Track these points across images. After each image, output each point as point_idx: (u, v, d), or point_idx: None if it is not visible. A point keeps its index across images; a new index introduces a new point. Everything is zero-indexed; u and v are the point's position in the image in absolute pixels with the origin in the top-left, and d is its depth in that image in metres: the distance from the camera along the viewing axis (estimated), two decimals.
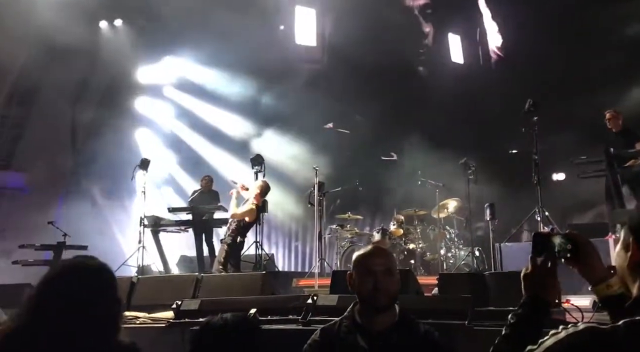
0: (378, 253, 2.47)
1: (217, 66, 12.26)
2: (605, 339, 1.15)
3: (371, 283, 2.35)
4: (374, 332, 2.34)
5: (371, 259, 2.41)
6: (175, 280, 6.94)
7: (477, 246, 8.24)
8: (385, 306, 2.36)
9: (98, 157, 11.40)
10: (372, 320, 2.37)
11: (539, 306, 1.57)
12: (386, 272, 2.37)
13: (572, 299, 3.99)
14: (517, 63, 10.17)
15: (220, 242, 7.78)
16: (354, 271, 2.44)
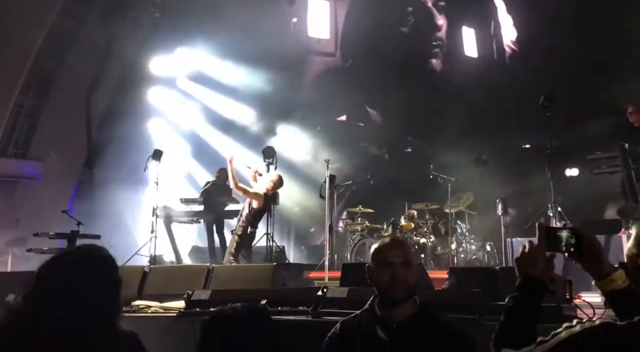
0: (395, 245, 2.47)
1: (229, 58, 12.27)
2: (621, 334, 1.15)
3: (388, 275, 2.35)
4: (393, 324, 2.35)
5: (388, 251, 2.42)
6: (186, 270, 6.99)
7: (489, 241, 8.21)
8: (403, 298, 2.37)
9: (112, 147, 11.48)
10: (391, 312, 2.37)
11: (533, 286, 1.58)
12: (404, 263, 2.38)
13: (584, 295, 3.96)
14: (532, 57, 10.07)
15: (231, 233, 7.82)
16: (371, 263, 2.44)
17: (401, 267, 2.37)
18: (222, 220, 9.15)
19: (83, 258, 1.93)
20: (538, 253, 1.59)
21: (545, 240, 1.61)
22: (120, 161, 11.15)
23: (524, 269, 1.60)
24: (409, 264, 2.41)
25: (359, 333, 2.40)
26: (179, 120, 12.81)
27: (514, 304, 1.57)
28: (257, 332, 2.02)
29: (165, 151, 9.87)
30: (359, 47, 11.66)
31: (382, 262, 2.40)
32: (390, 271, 2.36)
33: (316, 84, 12.08)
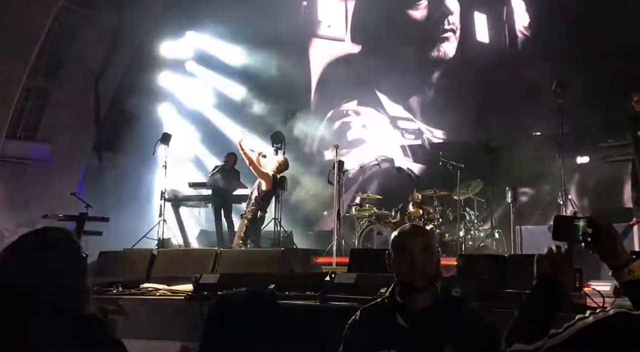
0: (415, 232, 2.43)
1: (239, 42, 12.20)
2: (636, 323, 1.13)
3: (408, 262, 2.32)
4: (414, 312, 2.33)
5: (408, 238, 2.37)
6: (194, 254, 7.03)
7: (497, 229, 8.17)
8: (423, 285, 2.32)
9: (121, 130, 11.51)
10: (412, 299, 2.34)
11: (552, 288, 1.54)
12: (423, 251, 2.33)
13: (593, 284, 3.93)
14: (545, 43, 9.93)
15: (241, 217, 7.84)
16: (391, 250, 2.42)
17: (421, 254, 2.32)
18: (230, 204, 9.17)
19: (43, 243, 1.90)
20: (562, 260, 1.54)
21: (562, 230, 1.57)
22: (129, 144, 11.18)
23: (544, 269, 1.56)
24: (430, 251, 2.37)
25: (379, 320, 2.39)
26: (188, 105, 12.80)
27: (529, 303, 1.54)
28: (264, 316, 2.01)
29: (174, 135, 9.87)
30: (370, 32, 11.54)
31: (401, 249, 2.36)
32: (410, 258, 2.32)
33: (327, 69, 12.01)
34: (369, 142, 11.20)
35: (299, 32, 12.25)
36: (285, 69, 12.29)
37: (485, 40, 10.60)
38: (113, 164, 11.03)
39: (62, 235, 1.97)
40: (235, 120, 12.30)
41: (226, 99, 12.41)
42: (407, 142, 10.96)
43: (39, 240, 1.91)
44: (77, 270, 1.93)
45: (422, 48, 11.04)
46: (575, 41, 9.22)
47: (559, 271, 1.55)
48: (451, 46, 10.80)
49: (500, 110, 10.00)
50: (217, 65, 12.55)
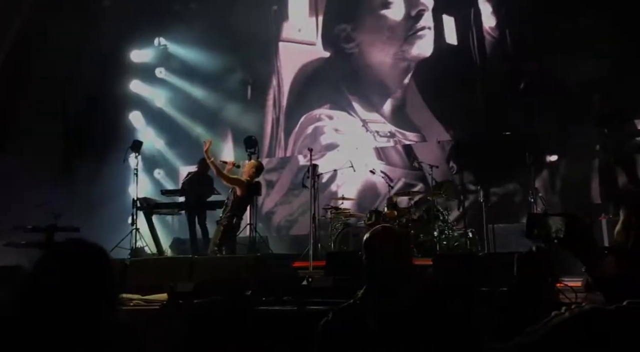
0: (386, 233, 2.45)
1: (209, 47, 12.13)
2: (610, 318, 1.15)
3: (379, 264, 2.33)
4: (385, 313, 2.33)
5: (379, 239, 2.40)
6: (169, 262, 6.94)
7: (470, 228, 8.27)
8: (395, 287, 2.34)
9: (90, 138, 11.31)
10: (383, 301, 2.35)
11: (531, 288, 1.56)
12: (394, 252, 2.36)
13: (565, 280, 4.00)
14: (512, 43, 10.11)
15: (217, 224, 7.78)
16: (363, 252, 2.42)
17: (393, 255, 2.34)
18: (204, 211, 9.07)
19: (75, 253, 1.87)
20: (544, 261, 1.56)
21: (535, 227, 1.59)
22: (99, 153, 11.00)
23: (525, 269, 1.57)
24: (401, 252, 2.38)
25: (350, 321, 2.38)
26: (158, 111, 12.66)
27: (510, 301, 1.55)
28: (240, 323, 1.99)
29: (145, 142, 9.75)
30: (340, 34, 11.59)
31: (372, 250, 2.38)
32: (381, 259, 2.34)
33: (298, 73, 12.00)
34: (342, 146, 11.23)
35: (270, 36, 12.24)
36: (256, 73, 12.27)
37: (454, 42, 10.73)
38: (83, 173, 10.81)
39: (89, 245, 1.94)
40: (206, 126, 12.22)
41: (197, 105, 12.31)
42: (380, 144, 11.02)
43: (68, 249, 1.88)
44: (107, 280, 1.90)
45: (394, 50, 11.11)
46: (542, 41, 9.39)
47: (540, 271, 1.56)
48: (427, 44, 10.88)
49: (470, 110, 10.13)
50: (187, 71, 12.45)
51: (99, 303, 1.82)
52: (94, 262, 1.87)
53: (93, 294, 1.80)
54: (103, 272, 1.88)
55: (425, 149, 10.44)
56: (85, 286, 1.79)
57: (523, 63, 9.61)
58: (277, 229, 11.53)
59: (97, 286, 1.83)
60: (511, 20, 10.21)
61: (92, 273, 1.84)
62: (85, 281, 1.80)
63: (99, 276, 1.85)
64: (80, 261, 1.85)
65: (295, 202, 11.39)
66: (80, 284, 1.79)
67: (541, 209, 7.34)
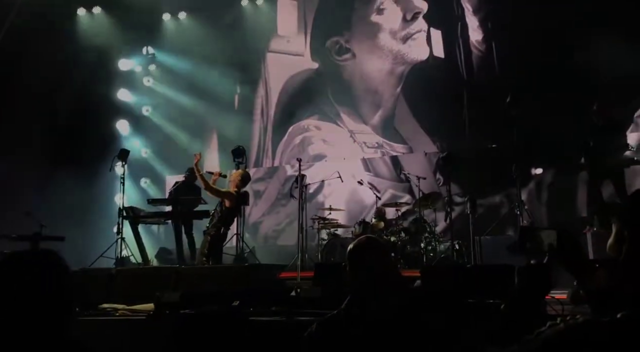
0: (370, 244, 2.47)
1: (197, 56, 12.14)
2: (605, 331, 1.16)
3: (363, 274, 2.35)
4: (369, 323, 2.34)
5: (363, 250, 2.42)
6: (155, 272, 6.88)
7: (457, 240, 8.30)
8: (379, 297, 2.36)
9: (77, 146, 11.22)
10: (367, 311, 2.36)
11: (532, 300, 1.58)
12: (378, 263, 2.38)
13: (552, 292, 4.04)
14: (498, 57, 10.24)
15: (204, 234, 7.74)
16: (347, 262, 2.44)
17: (376, 266, 2.36)
18: (190, 221, 9.01)
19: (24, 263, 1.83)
20: (544, 274, 1.58)
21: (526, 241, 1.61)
22: (85, 161, 10.92)
23: (526, 281, 1.58)
24: (385, 263, 2.40)
25: (334, 332, 2.38)
26: (146, 120, 12.61)
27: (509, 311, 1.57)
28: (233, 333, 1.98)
29: (132, 151, 9.70)
30: (333, 47, 11.66)
31: (356, 261, 2.40)
32: (365, 270, 2.35)
33: (287, 84, 12.04)
34: (330, 157, 11.26)
35: (258, 46, 12.27)
36: (245, 83, 12.29)
37: (441, 55, 10.85)
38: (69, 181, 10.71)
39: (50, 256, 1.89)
40: (193, 135, 12.19)
41: (184, 114, 12.29)
42: (367, 155, 11.07)
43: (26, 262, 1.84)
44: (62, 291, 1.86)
45: (392, 54, 11.17)
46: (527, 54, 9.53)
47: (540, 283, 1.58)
48: (424, 46, 10.94)
49: (457, 123, 10.24)
50: (174, 80, 12.44)
51: (48, 316, 1.77)
52: (46, 274, 1.83)
53: (42, 305, 1.76)
54: (56, 284, 1.83)
55: (412, 161, 10.51)
56: (35, 296, 1.75)
57: (509, 76, 9.74)
58: (265, 239, 11.50)
59: (47, 298, 1.78)
60: (497, 34, 10.35)
61: (43, 284, 1.79)
62: (35, 292, 1.76)
63: (51, 287, 1.80)
64: (32, 271, 1.81)
65: (282, 212, 11.38)
66: (29, 295, 1.74)
67: (527, 221, 7.40)
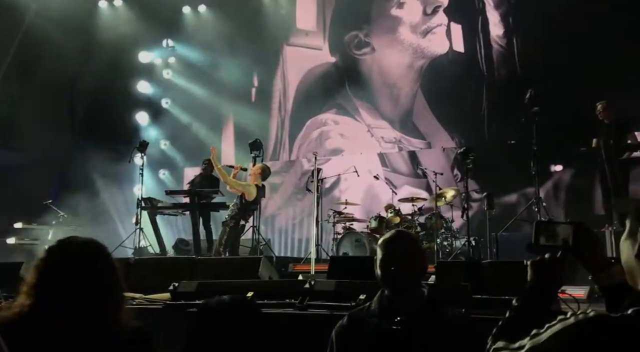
0: (398, 237, 2.48)
1: (216, 49, 12.18)
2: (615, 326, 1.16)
3: (391, 267, 2.36)
4: (398, 316, 2.35)
5: (391, 243, 2.43)
6: (172, 262, 6.94)
7: (474, 236, 8.25)
8: (406, 290, 2.38)
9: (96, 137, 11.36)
10: (396, 304, 2.37)
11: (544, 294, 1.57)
12: (406, 256, 2.38)
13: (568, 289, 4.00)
14: (519, 53, 10.12)
15: (222, 225, 7.79)
16: (379, 254, 2.45)
17: (403, 259, 2.37)
18: (208, 212, 9.09)
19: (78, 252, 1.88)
20: (557, 267, 1.56)
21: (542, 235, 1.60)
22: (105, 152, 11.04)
23: (539, 275, 1.58)
24: (412, 256, 2.41)
25: (364, 325, 2.41)
26: (164, 112, 12.71)
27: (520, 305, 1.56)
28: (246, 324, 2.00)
29: (151, 142, 9.79)
30: (352, 42, 11.62)
31: (385, 254, 2.41)
32: (393, 263, 2.37)
33: (305, 78, 12.04)
34: (347, 151, 11.25)
35: (277, 40, 12.28)
36: (263, 76, 12.32)
37: (461, 49, 10.75)
38: (89, 171, 10.87)
39: (93, 243, 1.94)
40: (211, 128, 12.27)
41: (202, 107, 12.36)
42: (384, 150, 11.04)
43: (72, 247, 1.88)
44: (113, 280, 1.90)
45: (411, 49, 11.11)
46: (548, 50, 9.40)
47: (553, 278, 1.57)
48: (444, 40, 10.86)
49: (476, 118, 10.16)
50: (193, 73, 12.50)
51: (105, 300, 1.82)
52: (95, 259, 1.88)
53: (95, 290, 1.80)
54: (106, 269, 1.88)
55: (430, 156, 10.46)
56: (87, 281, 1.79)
57: (529, 72, 9.63)
58: (280, 232, 11.54)
59: (101, 283, 1.83)
60: (518, 29, 10.23)
61: (95, 269, 1.84)
62: (87, 277, 1.80)
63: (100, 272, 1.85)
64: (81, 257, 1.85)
65: (298, 205, 11.41)
66: (82, 280, 1.79)
67: (545, 217, 7.33)
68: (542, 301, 1.54)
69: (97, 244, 1.94)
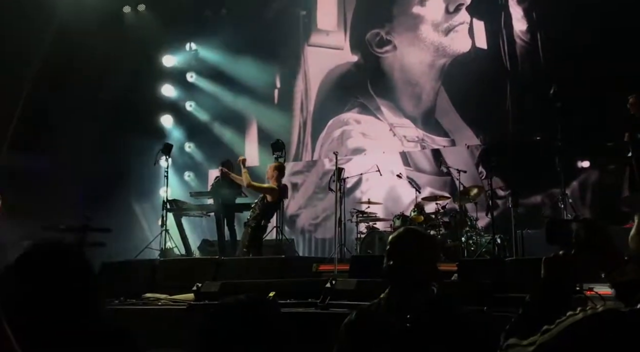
0: (407, 234, 2.48)
1: (238, 52, 12.28)
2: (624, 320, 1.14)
3: (400, 264, 2.36)
4: (407, 313, 2.35)
5: (400, 240, 2.43)
6: (196, 263, 7.04)
7: (499, 233, 8.16)
8: (416, 287, 2.38)
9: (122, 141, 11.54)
10: (406, 301, 2.38)
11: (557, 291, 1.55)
12: (415, 253, 2.38)
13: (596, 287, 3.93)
14: (542, 48, 9.97)
15: (244, 226, 7.86)
16: (386, 251, 2.47)
17: (406, 256, 2.37)
18: (232, 213, 9.17)
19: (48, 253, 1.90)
20: (570, 265, 1.55)
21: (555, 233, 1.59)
22: (130, 155, 11.23)
23: (551, 272, 1.56)
24: (421, 253, 2.41)
25: (374, 321, 2.41)
26: (189, 115, 12.86)
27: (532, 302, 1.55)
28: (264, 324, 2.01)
29: (176, 145, 9.92)
30: (374, 39, 11.59)
31: (393, 251, 2.41)
32: (402, 259, 2.37)
33: (326, 77, 12.05)
34: (369, 150, 11.22)
35: (298, 41, 12.32)
36: (285, 77, 12.37)
37: (484, 46, 10.63)
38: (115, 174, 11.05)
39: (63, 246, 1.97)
40: (235, 130, 12.37)
41: (226, 109, 12.47)
42: (407, 149, 10.98)
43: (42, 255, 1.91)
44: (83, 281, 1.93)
45: (433, 47, 11.04)
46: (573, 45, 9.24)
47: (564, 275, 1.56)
48: (466, 39, 10.76)
49: (500, 115, 10.04)
50: (216, 75, 12.62)
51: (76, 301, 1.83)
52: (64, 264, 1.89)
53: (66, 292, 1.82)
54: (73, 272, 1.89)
55: (454, 154, 10.36)
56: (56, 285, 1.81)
57: (554, 67, 9.48)
58: (301, 232, 11.57)
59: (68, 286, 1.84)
60: (542, 24, 10.07)
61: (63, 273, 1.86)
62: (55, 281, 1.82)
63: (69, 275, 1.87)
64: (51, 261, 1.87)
65: (319, 206, 11.42)
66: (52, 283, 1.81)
67: (571, 214, 7.21)
68: (554, 298, 1.53)
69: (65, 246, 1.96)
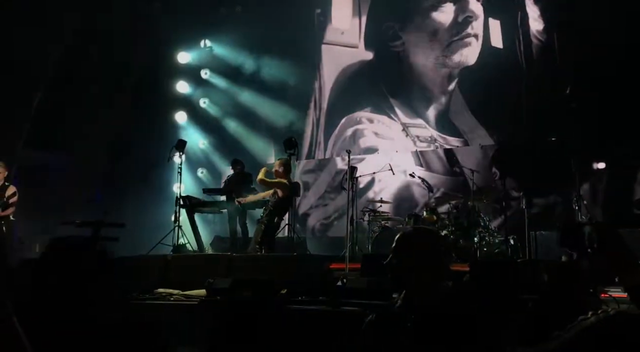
0: (417, 233, 2.49)
1: (253, 50, 12.31)
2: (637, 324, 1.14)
3: (409, 263, 2.37)
4: (417, 313, 2.36)
5: (410, 239, 2.44)
6: (208, 259, 7.08)
7: (512, 235, 8.11)
8: (425, 286, 2.38)
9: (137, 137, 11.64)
10: (416, 300, 2.39)
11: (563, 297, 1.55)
12: (423, 252, 2.39)
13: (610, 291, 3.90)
14: (558, 48, 9.87)
15: (257, 222, 7.88)
16: (391, 250, 2.47)
17: (421, 255, 2.37)
18: (244, 210, 9.22)
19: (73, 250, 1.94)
20: (574, 271, 1.55)
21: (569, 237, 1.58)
22: (144, 151, 11.31)
23: (555, 278, 1.56)
24: (430, 253, 2.41)
25: (391, 321, 2.42)
26: (203, 111, 12.92)
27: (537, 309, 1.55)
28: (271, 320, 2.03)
29: (189, 142, 9.97)
30: (387, 32, 11.55)
31: (403, 250, 2.41)
32: (411, 259, 2.37)
33: (340, 76, 12.04)
34: (382, 150, 11.20)
35: (313, 39, 12.33)
36: (299, 75, 12.38)
37: (500, 45, 10.56)
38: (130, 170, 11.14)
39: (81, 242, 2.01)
40: (248, 126, 12.41)
41: (239, 106, 12.51)
42: (420, 149, 10.94)
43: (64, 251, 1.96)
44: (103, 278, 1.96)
45: (435, 54, 11.02)
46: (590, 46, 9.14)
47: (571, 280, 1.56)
48: (472, 52, 10.72)
49: (515, 115, 9.96)
50: (231, 72, 12.66)
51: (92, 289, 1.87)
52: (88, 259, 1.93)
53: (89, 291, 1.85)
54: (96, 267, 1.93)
55: (467, 154, 10.31)
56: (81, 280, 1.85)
57: (570, 67, 9.39)
58: (313, 231, 11.58)
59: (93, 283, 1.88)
60: (558, 24, 9.98)
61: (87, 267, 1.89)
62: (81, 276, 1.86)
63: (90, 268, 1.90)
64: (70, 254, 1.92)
65: (331, 204, 11.42)
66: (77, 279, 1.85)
67: (585, 216, 7.15)
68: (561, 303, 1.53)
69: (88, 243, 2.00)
